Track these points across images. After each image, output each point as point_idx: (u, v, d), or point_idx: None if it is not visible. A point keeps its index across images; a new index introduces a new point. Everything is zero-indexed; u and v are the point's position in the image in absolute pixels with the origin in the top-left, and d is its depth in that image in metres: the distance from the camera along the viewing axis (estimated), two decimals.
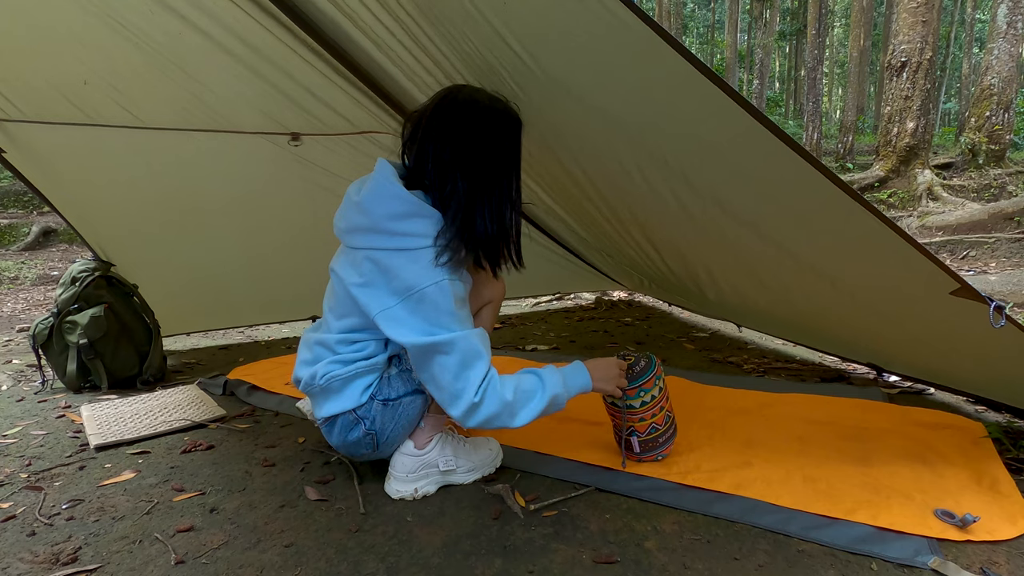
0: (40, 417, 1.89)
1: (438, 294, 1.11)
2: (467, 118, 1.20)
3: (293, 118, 2.22)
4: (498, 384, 1.14)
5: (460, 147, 1.18)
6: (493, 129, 1.21)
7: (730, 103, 0.99)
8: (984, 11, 16.96)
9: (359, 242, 1.20)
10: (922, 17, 7.30)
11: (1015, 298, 3.38)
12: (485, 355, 1.15)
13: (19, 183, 3.48)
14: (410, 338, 1.12)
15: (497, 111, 1.23)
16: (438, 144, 1.19)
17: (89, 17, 1.67)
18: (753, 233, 1.43)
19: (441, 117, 1.20)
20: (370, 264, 1.17)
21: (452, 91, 1.24)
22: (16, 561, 1.10)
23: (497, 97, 1.25)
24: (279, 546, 1.13)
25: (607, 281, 3.26)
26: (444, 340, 1.11)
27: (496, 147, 1.21)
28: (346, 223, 1.23)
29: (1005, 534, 1.07)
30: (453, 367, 1.12)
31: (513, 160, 1.25)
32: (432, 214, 1.16)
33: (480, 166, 1.19)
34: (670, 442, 1.39)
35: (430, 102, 1.23)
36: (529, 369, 1.22)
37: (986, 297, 1.11)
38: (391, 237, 1.15)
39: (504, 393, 1.14)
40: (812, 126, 11.09)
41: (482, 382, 1.12)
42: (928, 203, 7.07)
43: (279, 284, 2.71)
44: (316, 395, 1.28)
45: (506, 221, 1.23)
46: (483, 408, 1.12)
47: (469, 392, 1.11)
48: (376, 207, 1.17)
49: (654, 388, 1.33)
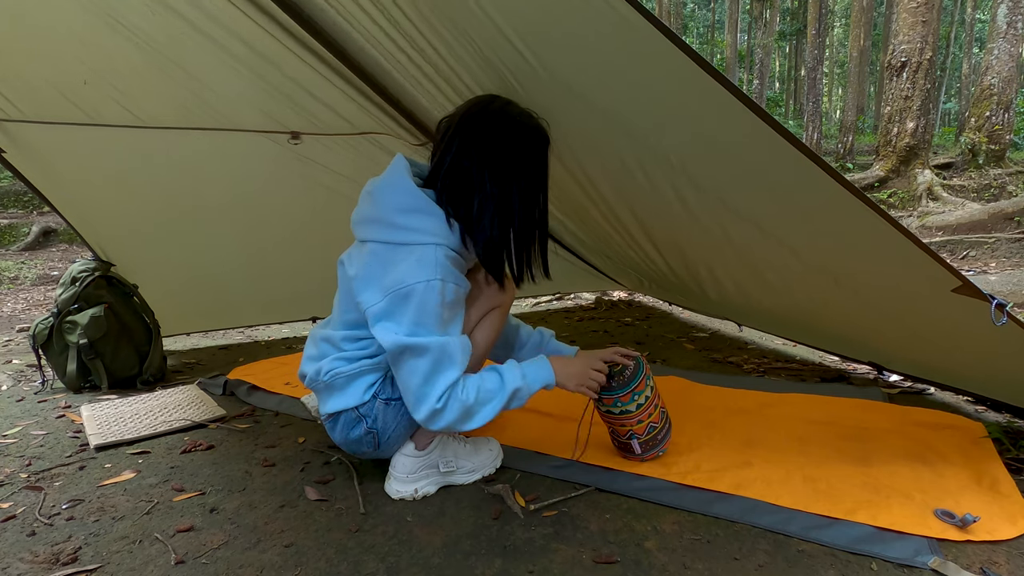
0: (40, 417, 1.89)
1: (426, 293, 1.10)
2: (494, 125, 1.20)
3: (293, 117, 2.22)
4: (460, 390, 1.13)
5: (483, 152, 1.18)
6: (518, 138, 1.21)
7: (734, 101, 0.99)
8: (984, 11, 16.96)
9: (364, 233, 1.21)
10: (922, 17, 7.30)
11: (1015, 298, 3.38)
12: (459, 363, 1.14)
13: (19, 183, 3.48)
14: (387, 338, 1.11)
15: (525, 123, 1.23)
16: (462, 147, 1.19)
17: (89, 16, 1.67)
18: (756, 231, 1.43)
19: (470, 122, 1.20)
20: (370, 256, 1.17)
21: (484, 100, 1.25)
22: (16, 561, 1.10)
23: (528, 112, 1.25)
24: (279, 546, 1.12)
25: (607, 281, 3.26)
26: (419, 344, 1.10)
27: (518, 156, 1.21)
28: (358, 215, 1.24)
29: (1005, 534, 1.07)
30: (423, 371, 1.11)
31: (536, 171, 1.25)
32: (439, 213, 1.16)
33: (500, 172, 1.19)
34: (668, 436, 1.39)
35: (461, 108, 1.24)
36: (492, 367, 1.22)
37: (987, 295, 1.11)
38: (394, 230, 1.15)
39: (466, 397, 1.14)
40: (812, 126, 11.09)
41: (449, 388, 1.12)
42: (928, 203, 7.07)
43: (279, 284, 2.71)
44: (320, 391, 1.28)
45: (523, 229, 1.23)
46: (445, 414, 1.13)
47: (432, 398, 1.11)
48: (384, 199, 1.18)
49: (646, 389, 1.33)
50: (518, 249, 1.25)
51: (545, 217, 1.28)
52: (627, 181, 1.59)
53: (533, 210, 1.25)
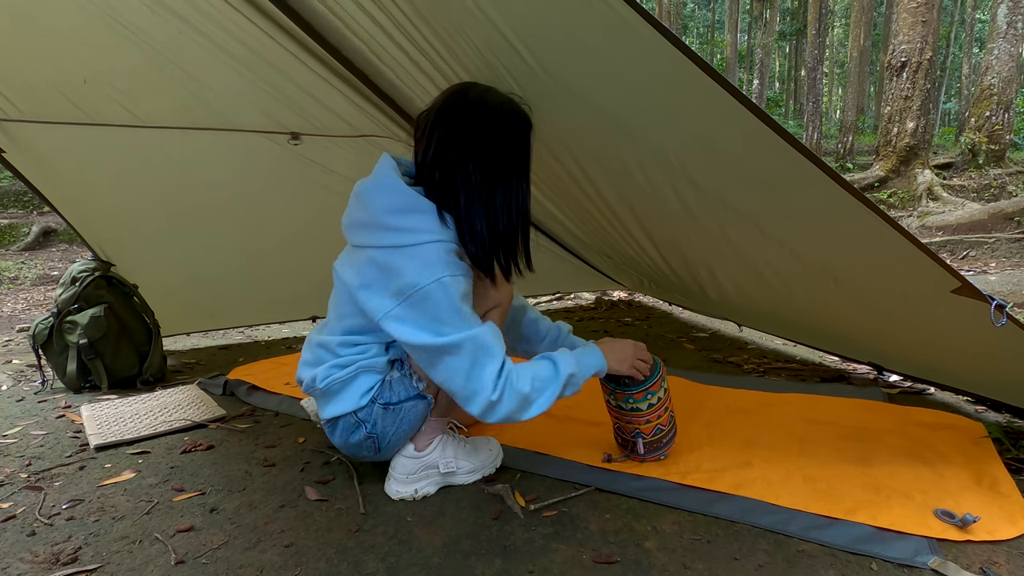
0: (40, 417, 1.89)
1: (440, 292, 1.09)
2: (475, 116, 1.17)
3: (293, 118, 2.22)
4: (515, 378, 1.12)
5: (466, 145, 1.16)
6: (501, 128, 1.18)
7: (733, 102, 0.99)
8: (984, 11, 16.95)
9: (359, 239, 1.19)
10: (922, 17, 7.30)
11: (1015, 298, 3.38)
12: (497, 350, 1.13)
13: (19, 183, 3.48)
14: (417, 338, 1.10)
15: (506, 111, 1.20)
16: (444, 141, 1.16)
17: (89, 16, 1.67)
18: (756, 231, 1.43)
19: (449, 114, 1.17)
20: (370, 265, 1.15)
21: (463, 88, 1.22)
22: (16, 561, 1.10)
23: (508, 97, 1.22)
24: (279, 546, 1.12)
25: (607, 281, 3.26)
26: (452, 342, 1.09)
27: (503, 147, 1.18)
28: (349, 219, 1.22)
29: (1005, 534, 1.07)
30: (464, 368, 1.10)
31: (521, 161, 1.22)
32: (431, 208, 1.15)
33: (485, 165, 1.16)
34: (672, 442, 1.39)
35: (440, 98, 1.20)
36: (543, 355, 1.21)
37: (987, 296, 1.11)
38: (389, 232, 1.13)
39: (521, 386, 1.12)
40: (812, 126, 11.09)
41: (497, 379, 1.11)
42: (928, 203, 7.07)
43: (279, 284, 2.71)
44: (318, 397, 1.28)
45: (510, 223, 1.21)
46: (502, 405, 1.11)
47: (485, 390, 1.10)
48: (375, 201, 1.16)
49: (659, 391, 1.33)
50: (505, 241, 1.22)
51: (528, 206, 1.25)
52: (627, 181, 1.59)
53: (518, 199, 1.22)
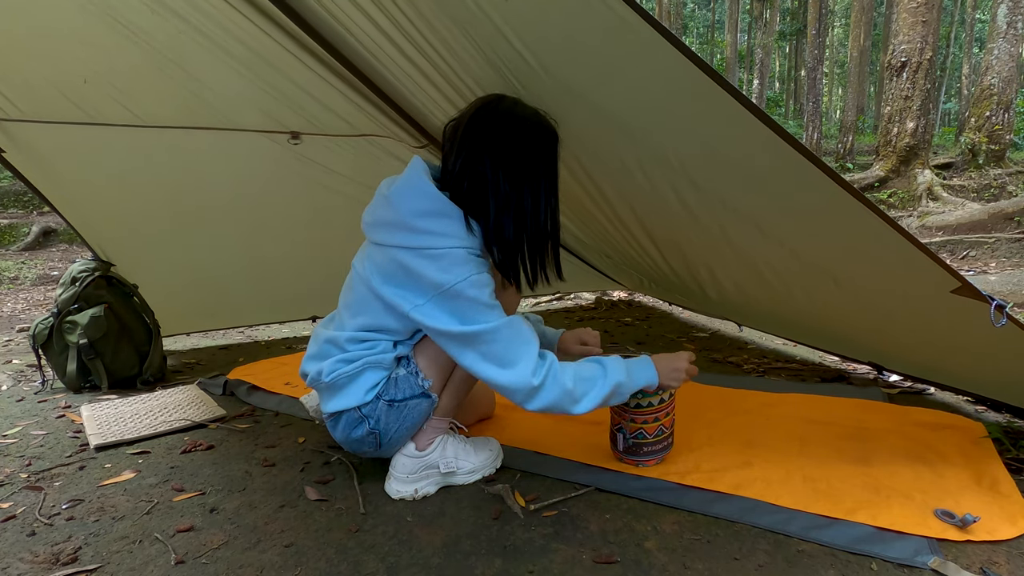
0: (40, 417, 1.89)
1: (470, 288, 1.11)
2: (505, 126, 1.20)
3: (293, 117, 2.22)
4: (559, 371, 1.13)
5: (496, 155, 1.18)
6: (531, 139, 1.21)
7: (732, 102, 0.99)
8: (984, 11, 16.95)
9: (384, 238, 1.19)
10: (922, 17, 7.30)
11: (1015, 298, 3.38)
12: (531, 335, 1.14)
13: (19, 183, 3.48)
14: (451, 326, 1.12)
15: (535, 123, 1.23)
16: (474, 151, 1.18)
17: (89, 16, 1.67)
18: (756, 231, 1.43)
19: (480, 125, 1.20)
20: (395, 266, 1.16)
21: (492, 100, 1.24)
22: (16, 561, 1.10)
23: (536, 110, 1.25)
24: (279, 546, 1.13)
25: (607, 281, 3.26)
26: (486, 329, 1.11)
27: (532, 157, 1.21)
28: (372, 217, 1.22)
29: (1005, 534, 1.07)
30: (499, 354, 1.12)
31: (549, 171, 1.25)
32: (458, 214, 1.16)
33: (515, 175, 1.19)
34: (669, 448, 1.39)
35: (469, 109, 1.23)
36: (592, 358, 1.22)
37: (987, 296, 1.11)
38: (416, 235, 1.14)
39: (564, 380, 1.13)
40: (812, 126, 11.09)
41: (538, 365, 1.12)
42: (928, 203, 7.07)
43: (279, 284, 2.71)
44: (322, 391, 1.28)
45: (541, 231, 1.23)
46: (544, 392, 1.12)
47: (525, 375, 1.11)
48: (403, 202, 1.17)
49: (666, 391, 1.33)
50: (532, 251, 1.25)
51: (558, 217, 1.28)
52: (627, 181, 1.59)
53: (547, 210, 1.25)
